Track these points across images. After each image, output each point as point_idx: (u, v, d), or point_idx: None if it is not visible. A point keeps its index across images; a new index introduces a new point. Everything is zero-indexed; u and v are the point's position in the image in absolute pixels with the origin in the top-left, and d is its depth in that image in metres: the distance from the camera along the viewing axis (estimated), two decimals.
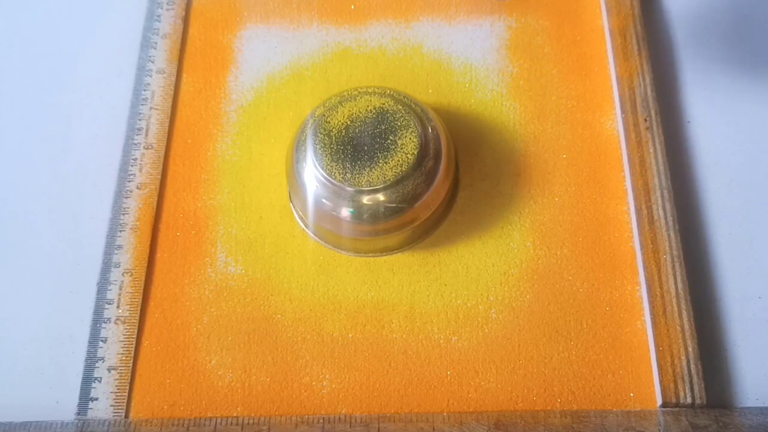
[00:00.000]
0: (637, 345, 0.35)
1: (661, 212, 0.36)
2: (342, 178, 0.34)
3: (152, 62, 0.42)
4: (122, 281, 0.36)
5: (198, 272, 0.37)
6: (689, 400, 0.33)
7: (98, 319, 0.36)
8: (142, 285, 0.36)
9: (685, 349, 0.34)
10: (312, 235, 0.38)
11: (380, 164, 0.34)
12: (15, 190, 0.39)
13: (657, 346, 0.34)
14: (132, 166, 0.39)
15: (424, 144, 0.35)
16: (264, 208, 0.38)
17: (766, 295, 0.36)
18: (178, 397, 0.34)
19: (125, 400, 0.34)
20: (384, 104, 0.36)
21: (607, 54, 0.42)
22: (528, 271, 0.37)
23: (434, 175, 0.35)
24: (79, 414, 0.34)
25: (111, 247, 0.37)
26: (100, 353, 0.35)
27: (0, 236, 0.38)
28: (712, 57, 0.42)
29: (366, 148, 0.35)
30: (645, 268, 0.36)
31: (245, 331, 0.36)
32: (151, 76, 0.42)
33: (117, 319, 0.36)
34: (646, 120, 0.38)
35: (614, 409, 0.34)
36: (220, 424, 0.33)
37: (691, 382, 0.33)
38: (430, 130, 0.35)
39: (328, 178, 0.34)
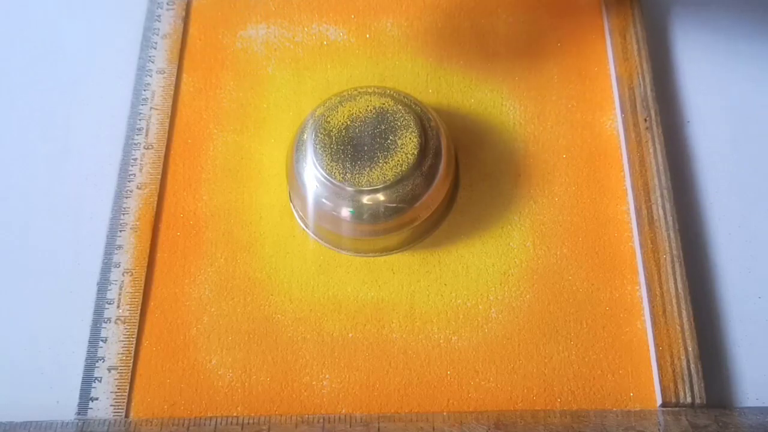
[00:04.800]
0: (637, 345, 0.35)
1: (661, 212, 0.36)
2: (342, 178, 0.34)
3: (152, 62, 0.42)
4: (122, 281, 0.36)
5: (198, 272, 0.37)
6: (689, 399, 0.33)
7: (98, 319, 0.36)
8: (142, 285, 0.36)
9: (685, 349, 0.34)
10: (312, 235, 0.38)
11: (380, 164, 0.34)
12: (15, 190, 0.39)
13: (657, 346, 0.34)
14: (132, 166, 0.39)
15: (424, 144, 0.35)
16: (264, 208, 0.38)
17: (766, 295, 0.36)
18: (178, 396, 0.34)
19: (125, 400, 0.34)
20: (384, 104, 0.36)
21: (607, 54, 0.42)
22: (528, 271, 0.37)
23: (434, 175, 0.35)
24: (79, 414, 0.34)
25: (111, 247, 0.37)
26: (100, 353, 0.35)
27: (0, 236, 0.38)
28: (712, 57, 0.42)
29: (366, 148, 0.35)
30: (645, 268, 0.36)
31: (245, 331, 0.36)
32: (151, 76, 0.42)
33: (117, 319, 0.36)
34: (645, 120, 0.38)
35: (614, 409, 0.34)
36: (220, 423, 0.33)
37: (690, 381, 0.33)
38: (430, 130, 0.35)
39: (328, 177, 0.34)
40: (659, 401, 0.33)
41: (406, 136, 0.35)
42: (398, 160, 0.34)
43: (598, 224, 0.38)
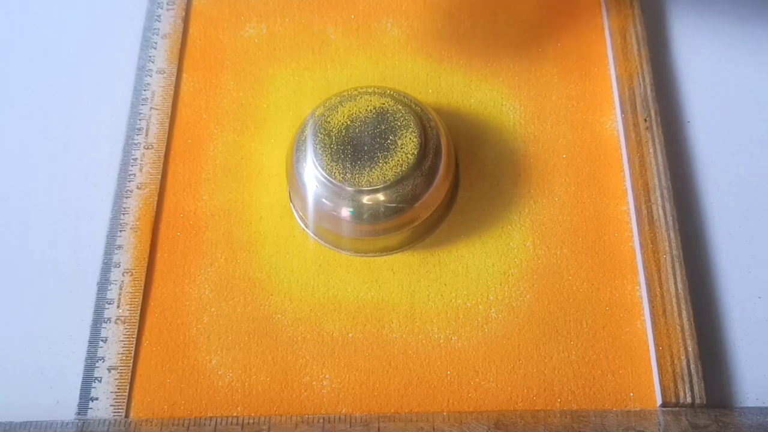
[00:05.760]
0: (637, 345, 0.35)
1: (661, 212, 0.36)
2: (342, 178, 0.34)
3: (152, 62, 0.42)
4: (122, 281, 0.36)
5: (198, 272, 0.37)
6: (689, 399, 0.33)
7: (98, 319, 0.36)
8: (142, 285, 0.36)
9: (685, 349, 0.34)
10: (312, 235, 0.38)
11: (380, 164, 0.34)
12: (15, 190, 0.39)
13: (657, 346, 0.34)
14: (132, 166, 0.39)
15: (424, 144, 0.35)
16: (264, 208, 0.38)
17: (766, 295, 0.36)
18: (178, 396, 0.34)
19: (125, 400, 0.34)
20: (384, 104, 0.36)
21: (607, 54, 0.42)
22: (528, 271, 0.37)
23: (434, 174, 0.35)
24: (79, 414, 0.34)
25: (111, 247, 0.37)
26: (100, 353, 0.35)
27: (0, 236, 0.38)
28: (712, 57, 0.42)
29: (366, 148, 0.35)
30: (645, 268, 0.36)
31: (245, 331, 0.36)
32: (151, 76, 0.42)
33: (117, 319, 0.36)
34: (646, 120, 0.38)
35: (614, 409, 0.34)
36: (220, 423, 0.33)
37: (690, 381, 0.33)
38: (430, 130, 0.35)
39: (328, 177, 0.34)
40: (659, 401, 0.33)
41: (406, 136, 0.35)
42: (398, 160, 0.34)
43: (598, 224, 0.38)
